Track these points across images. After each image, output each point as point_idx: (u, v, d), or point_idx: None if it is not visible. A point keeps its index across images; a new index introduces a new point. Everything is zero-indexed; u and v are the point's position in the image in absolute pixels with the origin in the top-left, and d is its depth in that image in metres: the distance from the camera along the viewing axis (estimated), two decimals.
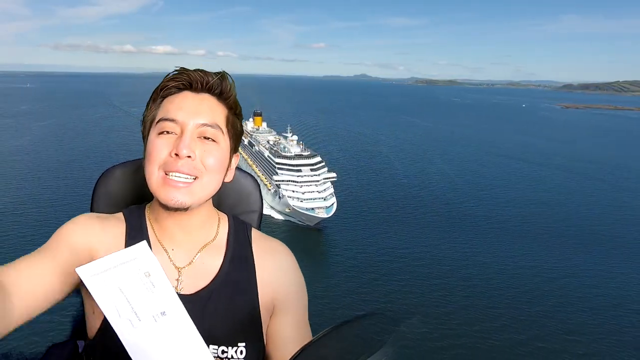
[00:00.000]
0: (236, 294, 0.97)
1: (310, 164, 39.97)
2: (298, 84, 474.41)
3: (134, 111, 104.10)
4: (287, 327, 1.02)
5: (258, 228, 1.19)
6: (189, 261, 0.98)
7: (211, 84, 0.94)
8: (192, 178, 0.90)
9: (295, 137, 46.23)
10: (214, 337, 0.92)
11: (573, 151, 74.61)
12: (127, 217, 1.00)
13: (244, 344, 0.94)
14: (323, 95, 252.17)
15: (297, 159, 40.16)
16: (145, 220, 1.00)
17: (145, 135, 0.97)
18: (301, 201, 36.69)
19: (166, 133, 0.91)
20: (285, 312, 1.02)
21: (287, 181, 38.49)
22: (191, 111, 0.91)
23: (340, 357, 0.61)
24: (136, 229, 0.98)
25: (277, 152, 41.86)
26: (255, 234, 1.08)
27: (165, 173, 0.89)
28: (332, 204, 36.90)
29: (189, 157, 0.88)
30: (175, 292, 0.78)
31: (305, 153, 41.90)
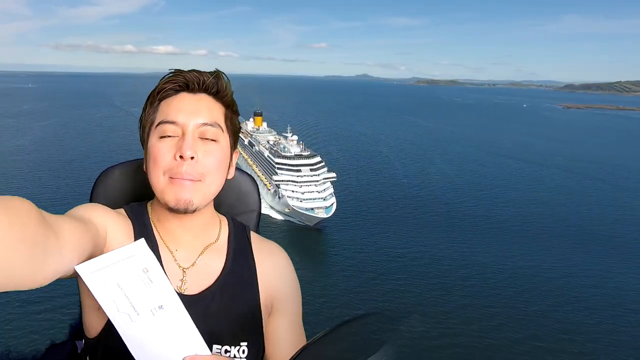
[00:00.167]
0: (238, 294, 0.99)
1: (310, 164, 39.97)
2: (299, 84, 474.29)
3: (135, 111, 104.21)
4: (283, 327, 1.04)
5: (256, 228, 1.23)
6: (192, 262, 0.98)
7: (207, 84, 0.95)
8: (197, 179, 0.91)
9: (295, 137, 46.27)
10: (217, 337, 0.93)
11: (573, 151, 74.56)
12: (131, 215, 1.00)
13: (246, 343, 0.96)
14: (324, 95, 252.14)
15: (297, 159, 40.17)
16: (148, 219, 1.01)
17: (144, 139, 0.97)
18: (301, 201, 36.72)
19: (167, 137, 0.91)
20: (281, 313, 1.05)
21: (287, 181, 38.50)
22: (190, 112, 0.92)
23: (340, 357, 0.61)
24: (142, 227, 0.98)
25: (277, 152, 41.89)
26: (253, 236, 1.10)
27: (170, 177, 0.90)
28: (332, 204, 36.90)
29: (192, 159, 0.89)
30: (172, 287, 0.79)
31: (305, 153, 41.89)
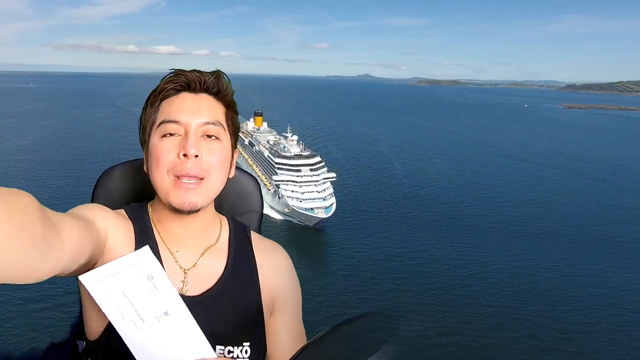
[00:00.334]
0: (240, 295, 0.99)
1: (309, 164, 39.98)
2: (301, 84, 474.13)
3: (136, 111, 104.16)
4: (283, 327, 1.04)
5: (258, 228, 1.24)
6: (194, 263, 0.98)
7: (208, 84, 0.96)
8: (200, 178, 0.90)
9: (295, 137, 46.27)
10: (220, 338, 0.93)
11: (574, 151, 74.48)
12: (131, 216, 0.99)
13: (249, 343, 0.96)
14: (325, 95, 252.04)
15: (297, 159, 40.18)
16: (149, 220, 1.00)
17: (144, 140, 0.97)
18: (300, 201, 36.76)
19: (169, 135, 0.91)
20: (282, 312, 1.05)
21: (287, 181, 38.51)
22: (193, 111, 0.92)
23: (340, 357, 0.61)
24: (143, 228, 0.98)
25: (277, 152, 41.90)
26: (253, 236, 1.10)
27: (175, 177, 0.90)
28: (332, 204, 36.91)
29: (196, 157, 0.89)
30: (177, 293, 0.78)
31: (305, 153, 41.89)
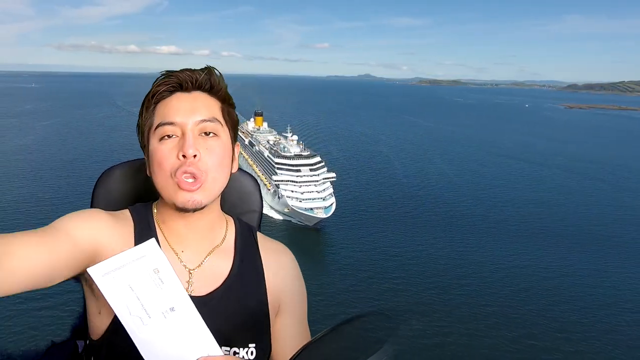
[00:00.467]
0: (246, 296, 0.98)
1: (309, 164, 40.08)
2: (301, 84, 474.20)
3: (137, 111, 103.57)
4: (289, 328, 1.04)
5: (258, 228, 1.23)
6: (199, 263, 0.98)
7: (200, 81, 0.95)
8: (202, 177, 0.90)
9: (295, 137, 46.37)
10: (226, 339, 0.92)
11: (574, 151, 74.49)
12: (135, 216, 0.99)
13: (254, 345, 0.96)
14: (325, 95, 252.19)
15: (297, 159, 40.29)
16: (153, 220, 1.00)
17: (144, 144, 0.97)
18: (300, 201, 36.84)
19: (167, 137, 0.91)
20: (288, 313, 1.05)
21: (287, 181, 38.61)
22: (187, 110, 0.92)
23: (340, 357, 0.61)
24: (145, 229, 0.97)
25: (277, 152, 42.02)
26: (259, 237, 1.10)
27: (178, 177, 0.89)
28: (331, 204, 36.97)
29: (195, 157, 0.88)
30: (183, 288, 0.77)
31: (304, 153, 42.00)
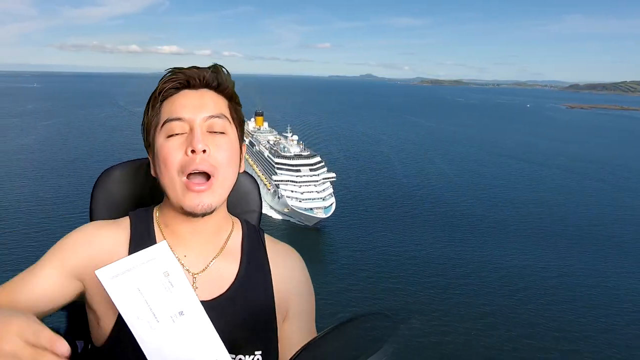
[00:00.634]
0: (253, 301, 0.96)
1: (309, 164, 40.08)
2: (303, 84, 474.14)
3: (139, 111, 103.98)
4: (296, 333, 1.01)
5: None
6: (204, 267, 0.95)
7: (208, 79, 0.94)
8: (210, 176, 0.89)
9: (295, 137, 46.33)
10: (231, 345, 0.87)
11: (575, 151, 74.40)
12: (133, 222, 0.98)
13: (261, 352, 0.93)
14: (327, 95, 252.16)
15: (297, 159, 40.29)
16: (153, 225, 0.98)
17: (149, 142, 0.96)
18: (300, 201, 36.85)
19: (174, 135, 0.89)
20: (296, 318, 1.02)
21: (286, 181, 38.61)
22: (195, 106, 0.90)
23: (340, 357, 0.60)
24: (142, 235, 0.95)
25: (277, 152, 42.01)
26: (267, 239, 1.07)
27: (186, 178, 0.87)
28: (331, 204, 36.96)
29: (204, 152, 0.87)
30: (193, 292, 0.75)
31: (304, 153, 41.98)
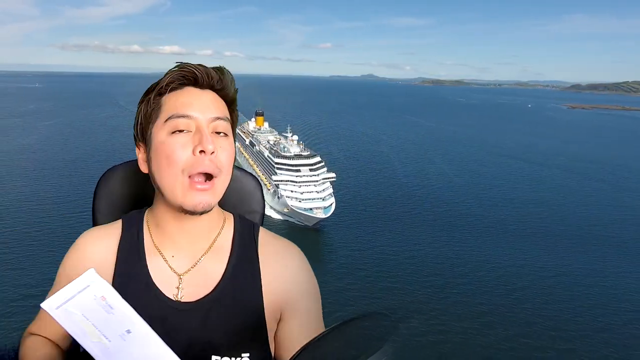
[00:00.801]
0: (240, 302, 0.93)
1: (309, 164, 40.07)
2: (304, 84, 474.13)
3: None
4: (295, 333, 0.95)
5: None
6: (189, 267, 0.94)
7: (214, 79, 0.92)
8: (212, 176, 0.87)
9: (295, 137, 46.37)
10: (216, 348, 0.88)
11: (575, 151, 74.37)
12: (125, 225, 0.98)
13: (248, 355, 0.90)
14: (328, 95, 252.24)
15: (296, 159, 40.29)
16: (142, 227, 0.98)
17: (144, 137, 0.92)
18: (299, 201, 36.86)
19: (178, 132, 0.86)
20: (294, 317, 0.96)
21: (286, 181, 38.64)
22: (203, 106, 0.88)
23: (340, 357, 0.61)
24: (132, 239, 0.96)
25: (277, 152, 42.03)
26: (263, 234, 1.03)
27: (189, 177, 0.85)
28: (331, 204, 36.96)
29: (212, 153, 0.85)
30: (133, 310, 0.77)
31: (304, 153, 41.98)
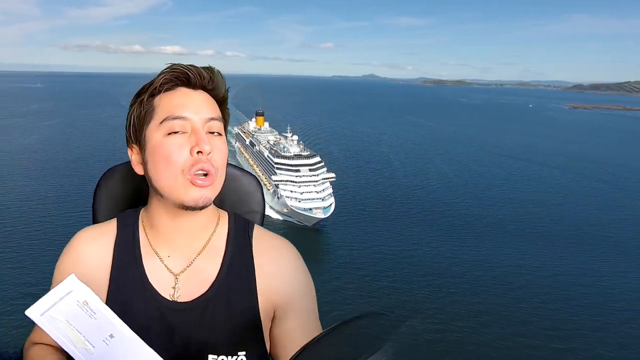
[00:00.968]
0: (235, 301, 0.93)
1: (309, 164, 40.05)
2: (305, 84, 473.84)
3: None
4: (294, 332, 0.94)
5: None
6: (185, 267, 0.95)
7: (206, 79, 0.92)
8: (211, 175, 0.88)
9: (295, 137, 46.31)
10: (213, 347, 0.89)
11: (575, 151, 74.32)
12: (120, 225, 0.99)
13: (244, 353, 0.91)
14: (329, 95, 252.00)
15: (296, 159, 40.26)
16: (138, 226, 0.99)
17: (137, 138, 0.93)
18: (299, 201, 36.86)
19: (174, 133, 0.87)
20: (289, 315, 0.96)
21: (286, 181, 38.64)
22: (197, 106, 0.89)
23: (340, 357, 0.61)
24: (127, 238, 0.97)
25: (277, 152, 42.03)
26: (257, 232, 1.03)
27: (188, 176, 0.86)
28: (330, 205, 36.94)
29: (209, 153, 0.86)
30: (114, 315, 0.78)
31: (304, 153, 41.95)
